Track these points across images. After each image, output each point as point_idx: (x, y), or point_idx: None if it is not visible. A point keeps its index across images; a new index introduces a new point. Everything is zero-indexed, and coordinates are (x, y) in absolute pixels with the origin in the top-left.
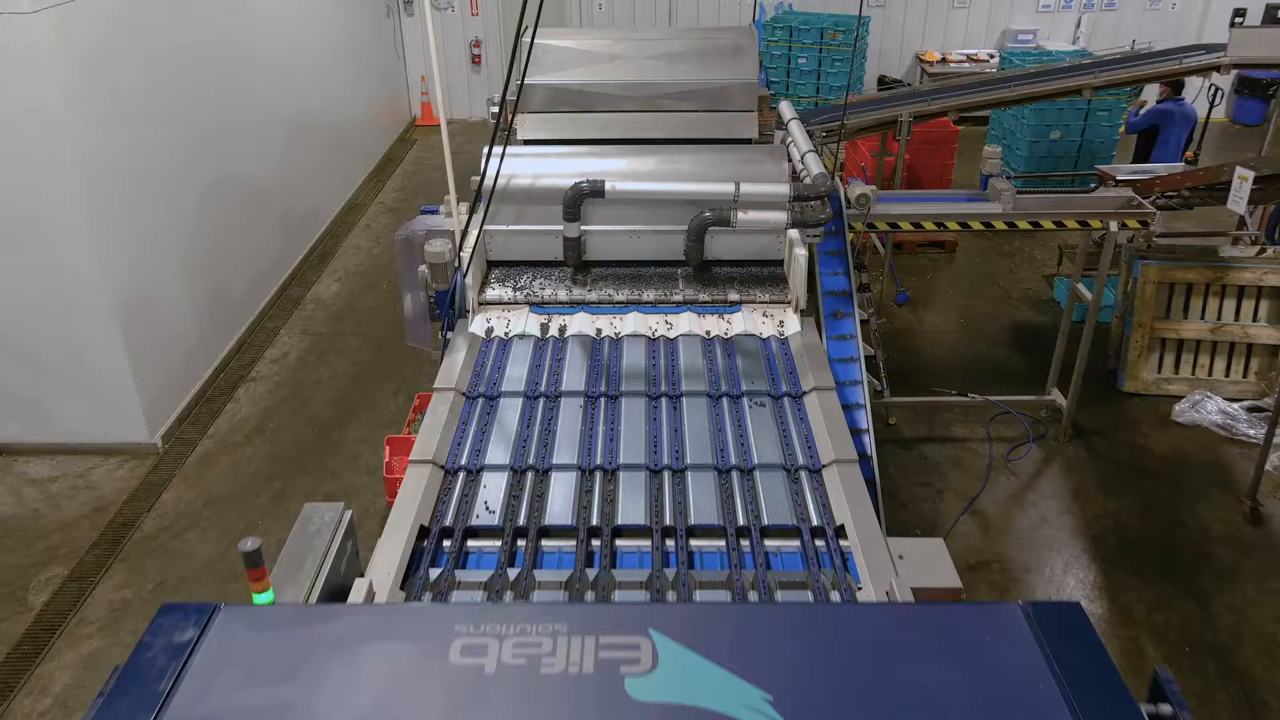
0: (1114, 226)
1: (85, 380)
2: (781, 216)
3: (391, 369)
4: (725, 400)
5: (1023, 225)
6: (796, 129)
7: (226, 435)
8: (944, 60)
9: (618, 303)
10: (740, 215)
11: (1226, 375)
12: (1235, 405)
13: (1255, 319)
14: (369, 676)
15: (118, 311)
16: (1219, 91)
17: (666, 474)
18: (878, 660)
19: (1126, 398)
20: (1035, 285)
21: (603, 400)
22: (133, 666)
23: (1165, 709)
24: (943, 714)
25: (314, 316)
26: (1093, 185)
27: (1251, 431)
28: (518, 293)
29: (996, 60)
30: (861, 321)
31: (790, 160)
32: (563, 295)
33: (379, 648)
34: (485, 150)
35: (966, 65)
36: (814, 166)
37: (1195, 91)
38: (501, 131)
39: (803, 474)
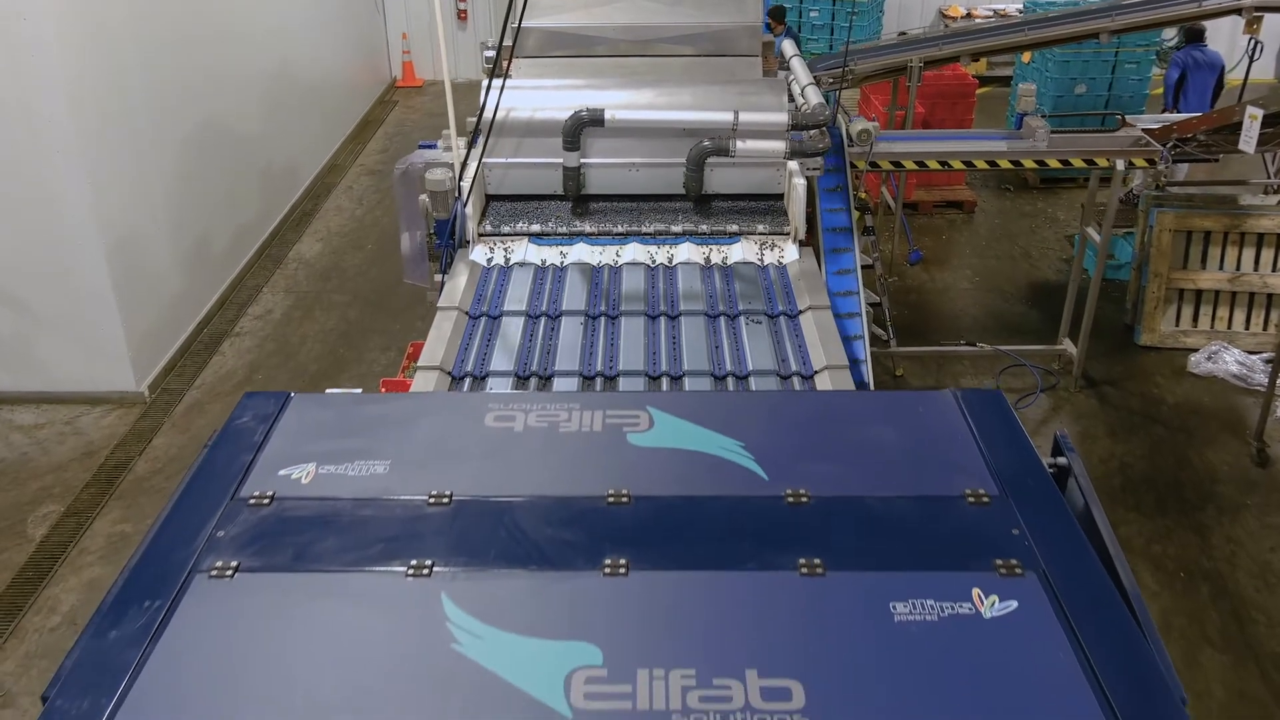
0: (1120, 164)
1: (72, 327)
2: (780, 146)
3: (381, 325)
4: (723, 319)
5: (1028, 163)
6: (798, 64)
7: (214, 385)
8: (969, 16)
9: (617, 234)
10: (739, 144)
11: (1246, 328)
12: (1253, 356)
13: (1275, 269)
14: (422, 432)
15: (107, 257)
16: (1259, 45)
17: (665, 380)
18: (830, 423)
19: (1142, 351)
20: (1057, 245)
21: (603, 319)
22: (228, 429)
23: (1061, 460)
24: (876, 454)
25: (297, 275)
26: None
27: (1268, 380)
28: (517, 226)
29: None
30: (865, 267)
31: (792, 98)
32: (563, 229)
33: (427, 418)
34: (484, 83)
35: (994, 23)
36: (813, 97)
37: (1240, 52)
38: (499, 73)
39: (795, 379)
